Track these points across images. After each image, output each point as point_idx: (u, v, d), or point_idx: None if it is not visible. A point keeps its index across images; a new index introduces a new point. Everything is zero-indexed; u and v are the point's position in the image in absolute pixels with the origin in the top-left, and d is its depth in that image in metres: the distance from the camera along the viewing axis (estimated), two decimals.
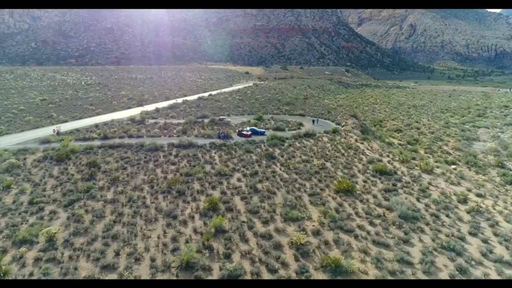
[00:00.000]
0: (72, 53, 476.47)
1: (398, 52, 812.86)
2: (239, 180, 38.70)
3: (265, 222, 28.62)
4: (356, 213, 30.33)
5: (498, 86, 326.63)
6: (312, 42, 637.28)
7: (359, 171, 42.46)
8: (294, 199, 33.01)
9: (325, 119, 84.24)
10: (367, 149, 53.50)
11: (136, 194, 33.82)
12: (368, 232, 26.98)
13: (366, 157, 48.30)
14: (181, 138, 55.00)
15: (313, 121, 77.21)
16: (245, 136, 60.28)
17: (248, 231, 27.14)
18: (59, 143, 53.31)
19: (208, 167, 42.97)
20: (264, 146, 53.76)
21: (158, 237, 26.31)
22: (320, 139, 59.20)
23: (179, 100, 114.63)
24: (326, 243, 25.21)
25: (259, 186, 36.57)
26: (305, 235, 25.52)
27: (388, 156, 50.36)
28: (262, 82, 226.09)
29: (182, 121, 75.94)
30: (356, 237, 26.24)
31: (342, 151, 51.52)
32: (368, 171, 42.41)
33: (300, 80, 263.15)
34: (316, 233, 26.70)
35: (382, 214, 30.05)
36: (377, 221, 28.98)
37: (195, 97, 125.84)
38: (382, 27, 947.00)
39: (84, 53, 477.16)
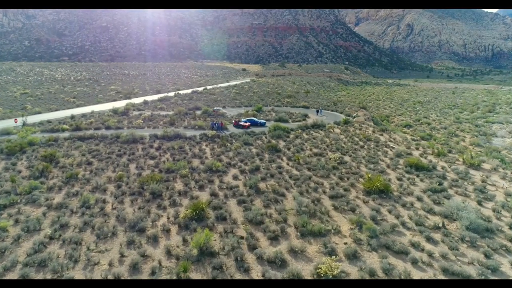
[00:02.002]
0: (66, 52, 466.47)
1: (395, 52, 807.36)
2: (235, 177, 29.58)
3: (274, 239, 19.42)
4: (403, 224, 21.23)
5: (500, 84, 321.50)
6: (309, 41, 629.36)
7: (387, 166, 33.43)
8: (312, 203, 23.90)
9: (332, 111, 75.46)
10: (390, 141, 44.64)
11: (93, 197, 24.55)
12: (431, 255, 17.89)
13: (391, 150, 39.38)
14: (165, 129, 45.81)
15: (317, 111, 69.71)
16: (243, 127, 51.23)
17: (249, 254, 17.95)
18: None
19: (196, 162, 33.80)
20: (266, 137, 44.70)
21: (110, 264, 17.07)
22: (331, 130, 50.23)
23: (171, 94, 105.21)
24: (372, 273, 16.09)
25: (262, 185, 27.46)
26: (337, 262, 16.41)
27: (417, 148, 41.50)
28: (260, 79, 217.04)
29: (171, 113, 66.65)
30: (414, 263, 17.14)
31: (361, 143, 42.52)
32: (399, 166, 33.43)
33: (299, 77, 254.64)
34: (353, 256, 17.56)
35: (440, 225, 20.99)
36: (437, 236, 19.92)
37: (188, 91, 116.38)
38: (380, 26, 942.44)
39: (78, 52, 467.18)
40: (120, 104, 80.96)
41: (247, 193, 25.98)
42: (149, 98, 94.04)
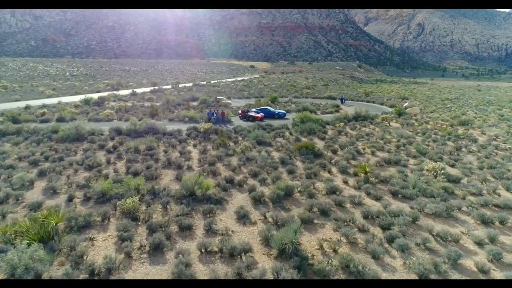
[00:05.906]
0: (72, 51, 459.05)
1: (406, 52, 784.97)
2: (242, 217, 13.11)
3: None
4: None
5: None
6: (318, 40, 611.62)
7: None
8: None
9: (367, 102, 58.97)
10: (493, 139, 28.00)
11: None
12: None
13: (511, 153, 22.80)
14: (133, 120, 29.58)
15: (341, 100, 57.18)
16: (254, 119, 34.89)
17: None
18: None
19: (169, 176, 17.49)
20: (292, 134, 28.19)
21: None
22: (387, 123, 33.58)
23: (168, 86, 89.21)
24: None
25: (306, 243, 11.07)
26: None
27: None
28: (270, 75, 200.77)
29: (159, 104, 50.58)
30: None
31: (450, 143, 25.88)
32: None
33: (310, 74, 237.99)
34: None
35: None
36: None
37: (189, 84, 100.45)
38: (389, 26, 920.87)
39: (83, 51, 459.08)
40: (103, 95, 65.24)
41: (274, 271, 9.48)
42: (141, 90, 78.38)
